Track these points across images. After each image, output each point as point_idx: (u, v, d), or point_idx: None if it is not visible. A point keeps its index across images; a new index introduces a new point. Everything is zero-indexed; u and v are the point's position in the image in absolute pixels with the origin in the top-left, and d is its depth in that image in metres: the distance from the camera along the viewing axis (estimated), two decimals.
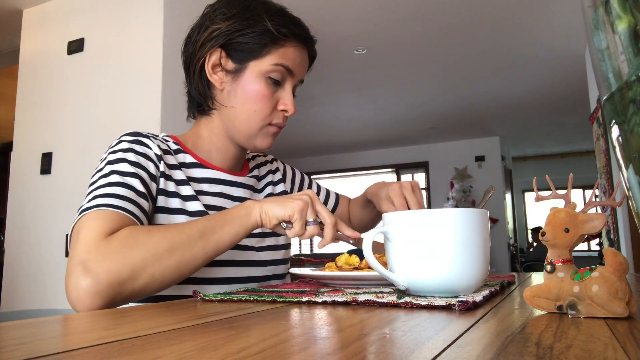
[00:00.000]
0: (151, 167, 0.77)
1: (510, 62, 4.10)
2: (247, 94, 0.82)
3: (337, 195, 1.12)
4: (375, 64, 4.09)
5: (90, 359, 0.29)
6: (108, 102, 2.48)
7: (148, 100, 2.34)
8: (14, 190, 2.69)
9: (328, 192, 1.12)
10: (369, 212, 1.04)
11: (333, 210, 1.09)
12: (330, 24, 3.26)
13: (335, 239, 0.72)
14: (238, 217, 0.69)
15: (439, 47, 3.74)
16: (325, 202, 1.09)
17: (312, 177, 8.80)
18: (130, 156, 0.75)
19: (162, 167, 0.79)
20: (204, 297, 0.60)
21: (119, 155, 0.75)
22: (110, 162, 0.74)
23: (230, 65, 0.82)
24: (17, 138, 2.74)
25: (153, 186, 0.76)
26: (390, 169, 7.69)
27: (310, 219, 0.70)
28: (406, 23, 3.31)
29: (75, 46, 2.63)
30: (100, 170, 0.73)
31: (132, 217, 0.68)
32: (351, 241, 0.75)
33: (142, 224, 0.70)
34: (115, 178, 0.71)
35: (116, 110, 2.45)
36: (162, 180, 0.78)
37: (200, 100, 0.86)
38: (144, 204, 0.72)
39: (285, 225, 0.71)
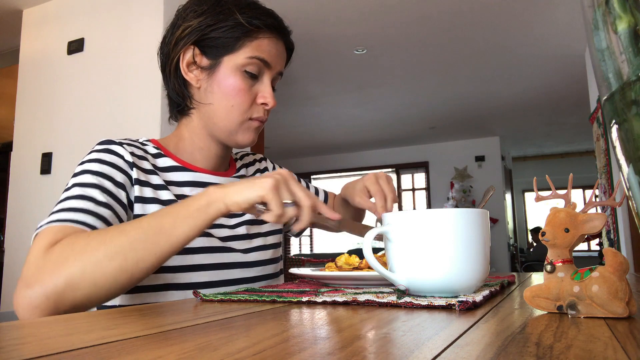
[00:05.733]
0: (118, 176, 0.75)
1: (510, 62, 4.10)
2: (223, 90, 0.81)
3: (326, 193, 1.10)
4: (375, 64, 4.09)
5: (90, 359, 0.29)
6: (108, 102, 2.48)
7: (148, 100, 2.34)
8: (14, 190, 2.69)
9: (317, 190, 1.10)
10: (348, 211, 1.02)
11: None
12: (330, 24, 3.26)
13: (313, 222, 0.68)
14: (196, 209, 0.63)
15: (439, 47, 3.74)
16: None
17: (312, 177, 8.76)
18: (95, 166, 0.74)
19: (135, 174, 0.77)
20: (204, 297, 0.60)
21: (85, 166, 0.74)
22: (75, 175, 0.73)
23: (204, 61, 0.81)
24: (17, 138, 2.74)
25: (122, 194, 0.74)
26: (390, 169, 7.70)
27: (288, 200, 0.64)
28: (406, 23, 3.31)
29: (75, 46, 2.63)
30: (67, 185, 0.73)
31: (82, 227, 0.66)
32: (331, 223, 0.70)
33: None
34: (75, 191, 0.70)
35: (116, 110, 2.45)
36: (136, 187, 0.77)
37: (178, 100, 0.85)
38: (106, 212, 0.70)
39: (259, 207, 0.64)
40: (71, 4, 2.72)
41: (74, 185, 0.71)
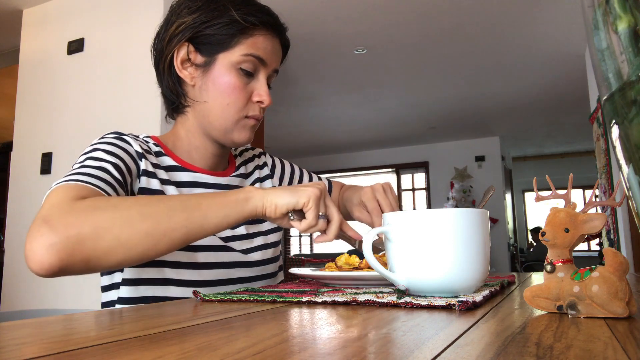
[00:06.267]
0: (128, 160, 0.74)
1: (510, 62, 4.10)
2: (218, 88, 0.80)
3: (330, 182, 1.09)
4: (375, 64, 4.09)
5: (90, 359, 0.29)
6: (108, 102, 2.48)
7: (148, 100, 2.34)
8: (14, 190, 2.69)
9: (320, 180, 1.08)
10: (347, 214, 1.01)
11: None
12: (330, 24, 3.26)
13: (336, 237, 0.70)
14: (234, 200, 0.63)
15: (439, 47, 3.74)
16: None
17: None
18: (107, 147, 0.73)
19: (143, 165, 0.77)
20: (204, 297, 0.60)
21: (96, 146, 0.73)
22: (85, 153, 0.72)
23: (199, 59, 0.80)
24: (17, 138, 2.74)
25: (128, 179, 0.73)
26: (390, 169, 7.69)
27: (321, 212, 0.66)
28: (406, 23, 3.31)
29: (75, 46, 2.63)
30: (78, 160, 0.72)
31: (104, 193, 0.65)
32: (354, 243, 0.73)
33: None
34: (89, 162, 0.69)
35: (116, 110, 2.45)
36: (144, 178, 0.76)
37: (172, 98, 0.84)
38: (118, 189, 0.69)
39: (292, 216, 0.65)
40: (71, 4, 2.72)
41: (87, 158, 0.70)
